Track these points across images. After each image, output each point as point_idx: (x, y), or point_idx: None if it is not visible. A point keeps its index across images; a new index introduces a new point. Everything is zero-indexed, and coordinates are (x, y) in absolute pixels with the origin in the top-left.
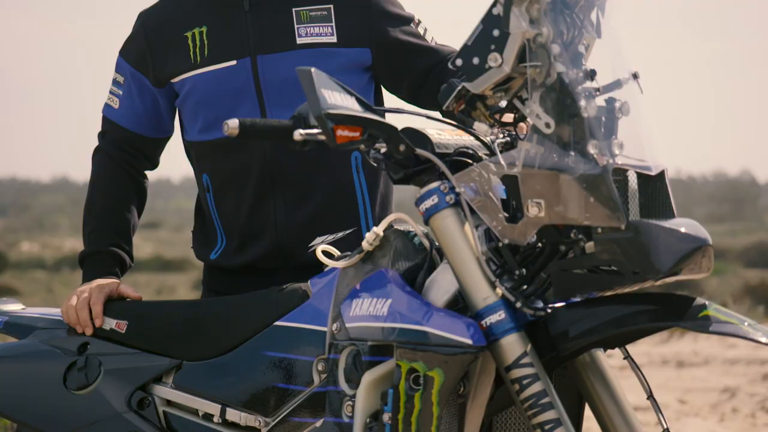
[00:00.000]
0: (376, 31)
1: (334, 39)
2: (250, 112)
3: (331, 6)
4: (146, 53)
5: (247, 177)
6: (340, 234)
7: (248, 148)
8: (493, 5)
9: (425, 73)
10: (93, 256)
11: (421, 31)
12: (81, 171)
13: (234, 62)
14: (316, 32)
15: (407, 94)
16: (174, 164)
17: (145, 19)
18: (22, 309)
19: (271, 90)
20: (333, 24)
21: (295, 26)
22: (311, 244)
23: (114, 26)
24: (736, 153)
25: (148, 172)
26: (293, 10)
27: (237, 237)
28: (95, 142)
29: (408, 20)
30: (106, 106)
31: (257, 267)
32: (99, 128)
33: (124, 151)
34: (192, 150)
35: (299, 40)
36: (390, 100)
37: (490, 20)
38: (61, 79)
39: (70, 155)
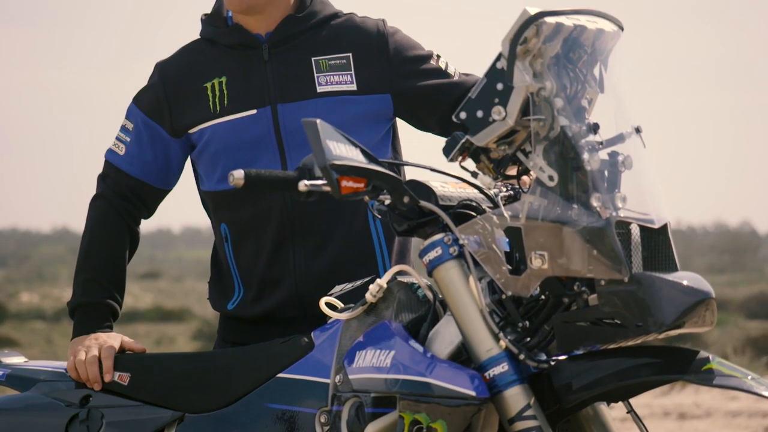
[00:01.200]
0: (395, 77)
1: (354, 87)
2: (270, 160)
3: (350, 54)
4: (163, 103)
5: (267, 225)
6: (359, 282)
7: (267, 196)
8: (497, 59)
9: (453, 106)
10: (87, 307)
11: (442, 65)
12: (81, 221)
13: (254, 111)
14: (336, 81)
15: (438, 130)
16: (175, 214)
17: (162, 69)
18: (24, 361)
19: (291, 138)
20: (352, 72)
21: (315, 75)
22: (330, 293)
23: (118, 77)
24: (736, 204)
25: (148, 222)
26: (312, 59)
27: (255, 286)
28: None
29: (427, 58)
30: (110, 152)
31: (276, 316)
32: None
33: (125, 199)
34: (209, 200)
35: (319, 89)
36: (413, 149)
37: (493, 74)
38: (62, 129)
39: (70, 206)
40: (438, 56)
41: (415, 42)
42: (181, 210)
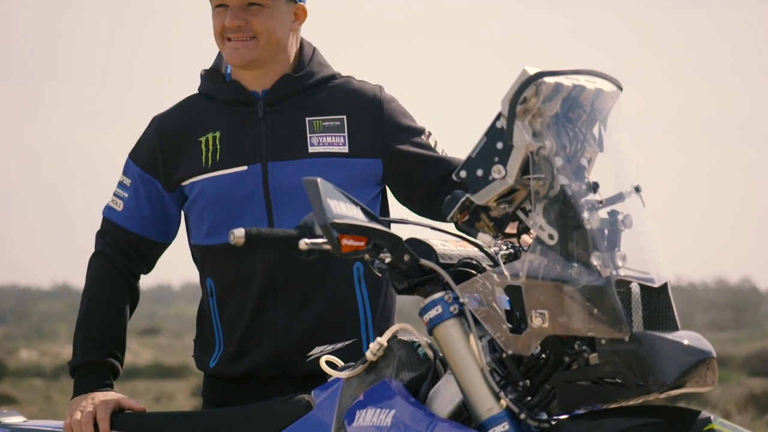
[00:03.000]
0: (387, 143)
1: (345, 149)
2: (257, 217)
3: (344, 117)
4: (158, 157)
5: (251, 282)
6: (340, 345)
7: (253, 253)
8: (497, 118)
9: (437, 184)
10: (87, 366)
11: (432, 142)
12: (82, 277)
13: (245, 167)
14: (329, 142)
15: (420, 206)
16: (175, 270)
17: (159, 123)
18: (23, 421)
19: (279, 196)
20: (345, 134)
21: (308, 135)
22: (310, 354)
23: (115, 133)
24: (736, 260)
25: (148, 277)
26: (306, 119)
27: (236, 343)
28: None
29: (419, 132)
30: (108, 208)
31: (254, 376)
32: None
33: (124, 255)
34: (197, 254)
35: (311, 149)
36: (400, 212)
37: (493, 133)
38: (61, 185)
39: (70, 261)
40: (429, 133)
41: (410, 114)
42: (181, 266)
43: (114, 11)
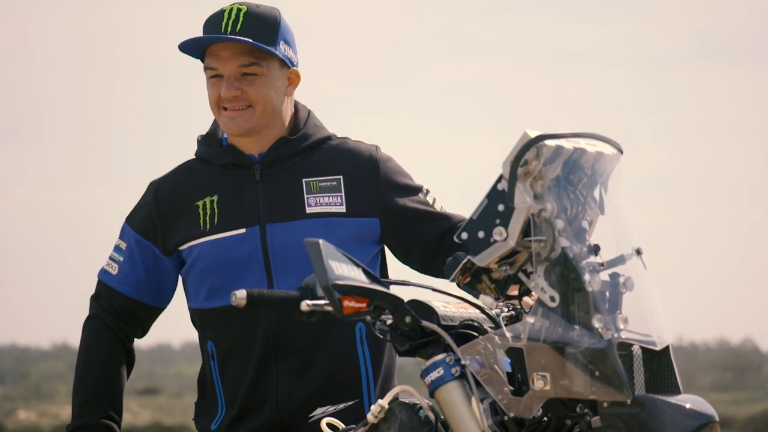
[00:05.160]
0: (384, 202)
1: (343, 209)
2: (256, 279)
3: (341, 177)
4: (156, 222)
5: (252, 345)
6: (342, 406)
7: (254, 315)
8: (498, 181)
9: (437, 240)
10: (84, 429)
11: (430, 200)
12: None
13: (243, 230)
14: (326, 202)
15: (421, 264)
16: (174, 329)
17: (156, 188)
18: None
19: (278, 258)
20: (342, 194)
21: (305, 196)
22: (311, 415)
23: (113, 193)
24: (738, 321)
25: (148, 336)
26: (303, 180)
27: (238, 406)
28: None
29: (417, 190)
30: (103, 271)
31: None
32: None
33: (119, 318)
34: (197, 317)
35: (309, 210)
36: (401, 271)
37: (494, 195)
38: (60, 245)
39: (70, 321)
40: (427, 191)
41: (407, 172)
42: (181, 325)
43: (93, 71)
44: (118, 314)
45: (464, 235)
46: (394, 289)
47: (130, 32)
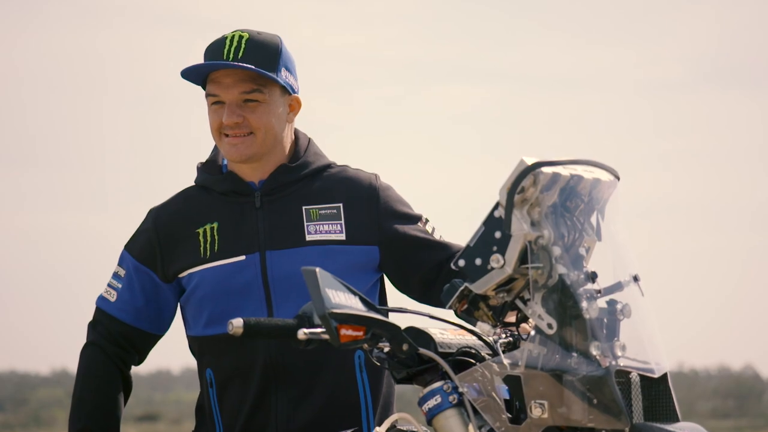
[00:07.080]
0: (384, 230)
1: (343, 237)
2: (256, 307)
3: (341, 205)
4: (155, 249)
5: (251, 373)
6: None
7: (253, 343)
8: (495, 208)
9: (436, 269)
10: None
11: (429, 229)
12: None
13: (243, 257)
14: (326, 230)
15: (419, 292)
16: (174, 356)
17: (156, 215)
18: None
19: (278, 285)
20: (342, 222)
21: (305, 224)
22: None
23: (112, 219)
24: (738, 348)
25: (147, 363)
26: (303, 208)
27: None
28: None
29: (416, 219)
30: (101, 298)
31: None
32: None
33: (116, 345)
34: (196, 345)
35: (309, 237)
36: (398, 299)
37: (491, 222)
38: (60, 271)
39: (69, 348)
40: (426, 220)
41: (406, 201)
42: (181, 351)
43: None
44: (115, 341)
45: (461, 262)
46: (391, 317)
47: (132, 57)
